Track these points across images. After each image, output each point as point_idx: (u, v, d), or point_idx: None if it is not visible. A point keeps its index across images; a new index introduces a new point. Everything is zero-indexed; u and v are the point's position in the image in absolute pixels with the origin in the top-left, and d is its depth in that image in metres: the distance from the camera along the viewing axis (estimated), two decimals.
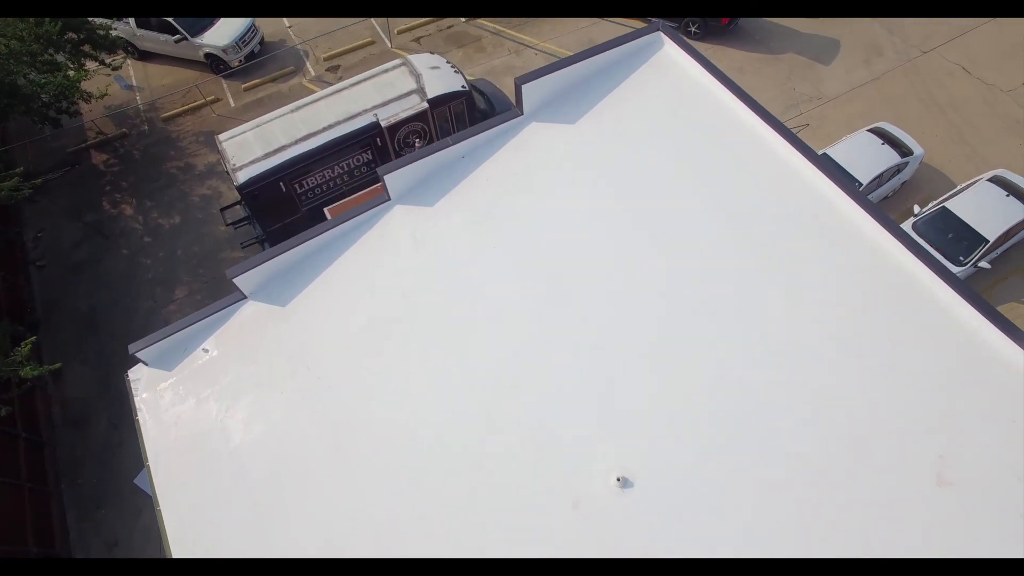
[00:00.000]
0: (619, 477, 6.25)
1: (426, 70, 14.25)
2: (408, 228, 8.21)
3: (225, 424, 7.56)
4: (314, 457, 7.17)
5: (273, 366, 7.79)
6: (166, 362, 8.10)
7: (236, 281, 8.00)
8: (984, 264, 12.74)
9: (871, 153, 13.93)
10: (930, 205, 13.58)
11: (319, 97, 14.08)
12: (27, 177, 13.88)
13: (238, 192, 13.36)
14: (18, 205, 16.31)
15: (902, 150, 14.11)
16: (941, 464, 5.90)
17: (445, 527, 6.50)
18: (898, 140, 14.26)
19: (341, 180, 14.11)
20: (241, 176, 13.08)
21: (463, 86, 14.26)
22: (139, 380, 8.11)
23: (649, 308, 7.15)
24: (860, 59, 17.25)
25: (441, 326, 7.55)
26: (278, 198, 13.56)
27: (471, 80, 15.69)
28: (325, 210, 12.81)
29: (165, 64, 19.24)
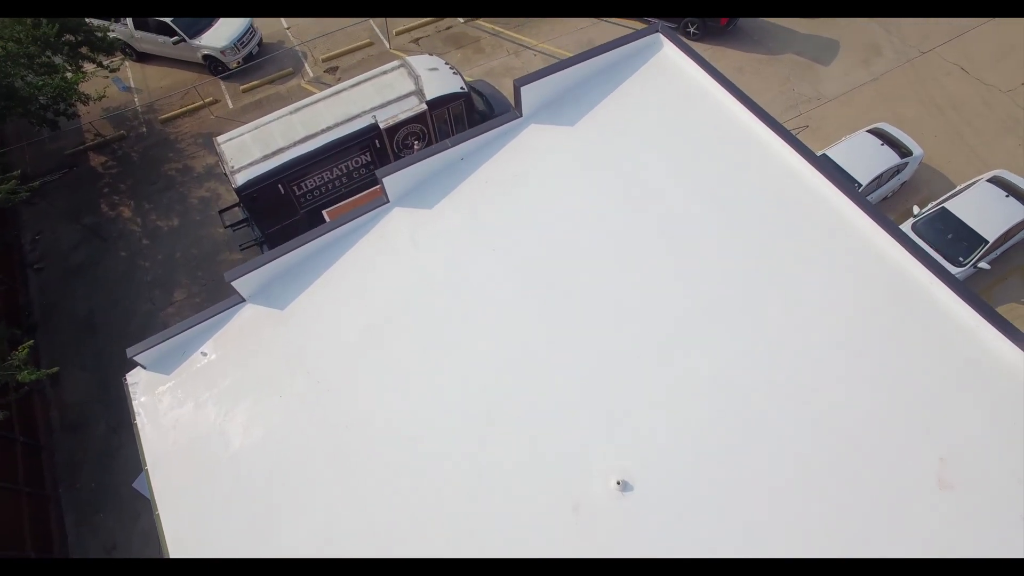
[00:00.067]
0: (619, 480, 6.23)
1: (425, 71, 14.23)
2: (407, 230, 8.19)
3: (224, 428, 7.54)
4: (313, 461, 7.14)
5: (272, 369, 7.77)
6: (164, 365, 8.08)
7: (235, 284, 7.99)
8: (984, 265, 12.73)
9: (870, 154, 13.91)
10: (929, 206, 13.57)
11: (318, 99, 14.06)
12: (25, 179, 13.84)
13: (237, 194, 13.33)
14: (16, 207, 16.24)
15: (901, 151, 14.11)
16: (941, 467, 5.89)
17: (444, 530, 6.48)
18: (897, 141, 14.26)
19: (340, 182, 14.09)
20: (240, 178, 13.05)
21: (462, 87, 14.25)
22: (137, 384, 8.09)
23: (649, 310, 7.13)
24: (859, 59, 17.25)
25: (440, 328, 7.53)
26: (277, 200, 13.54)
27: (470, 81, 15.67)
28: (324, 212, 12.81)
29: (163, 66, 19.21)
